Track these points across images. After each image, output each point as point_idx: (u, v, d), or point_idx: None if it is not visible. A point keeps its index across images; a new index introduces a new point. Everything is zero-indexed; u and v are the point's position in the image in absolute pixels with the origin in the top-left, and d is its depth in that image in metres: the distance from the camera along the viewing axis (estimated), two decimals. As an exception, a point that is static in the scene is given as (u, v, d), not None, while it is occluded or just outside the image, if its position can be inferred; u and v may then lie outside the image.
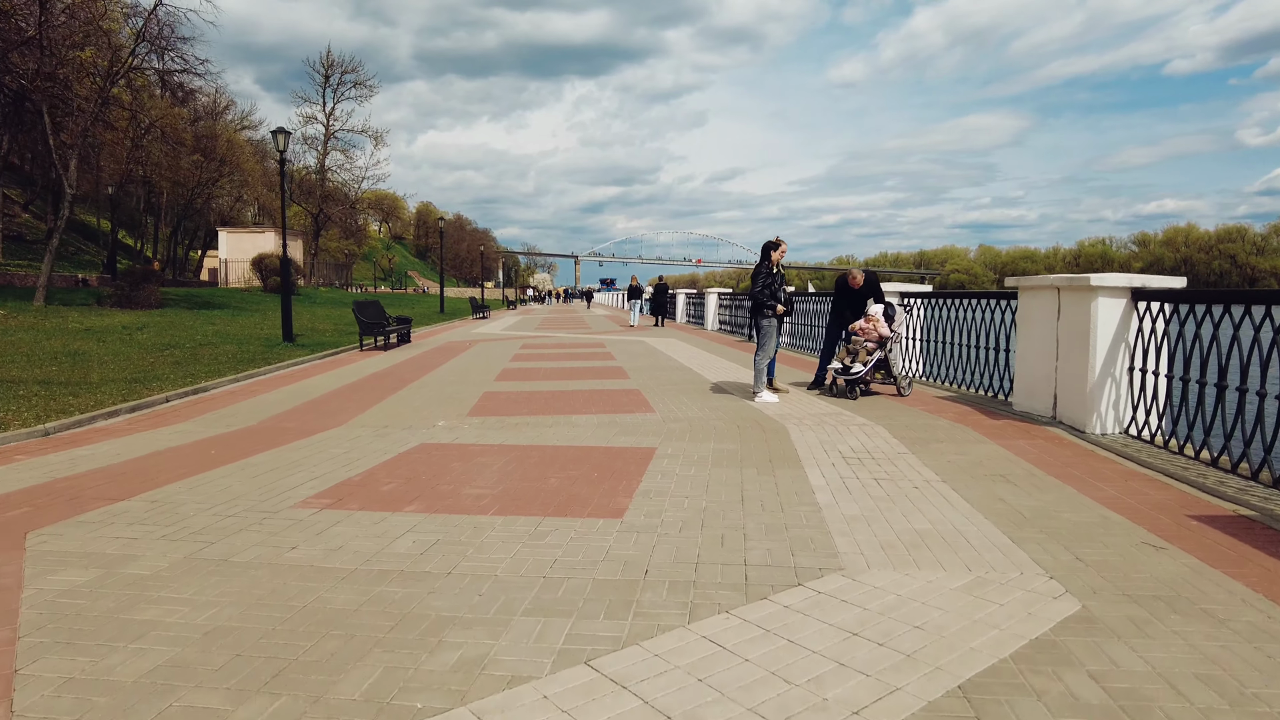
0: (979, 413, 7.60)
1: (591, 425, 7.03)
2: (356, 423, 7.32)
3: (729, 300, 22.75)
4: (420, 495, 4.66)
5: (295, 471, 5.33)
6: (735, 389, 9.39)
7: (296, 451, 6.00)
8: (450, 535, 3.90)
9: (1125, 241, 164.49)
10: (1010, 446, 6.02)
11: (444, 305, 40.61)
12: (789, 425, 6.91)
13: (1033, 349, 7.45)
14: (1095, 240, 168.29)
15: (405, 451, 5.94)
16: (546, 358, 14.09)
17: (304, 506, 4.47)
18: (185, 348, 14.81)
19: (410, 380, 10.73)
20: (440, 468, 5.38)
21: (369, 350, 16.03)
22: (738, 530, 3.93)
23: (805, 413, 7.57)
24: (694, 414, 7.58)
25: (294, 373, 12.10)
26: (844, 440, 6.24)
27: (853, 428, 6.79)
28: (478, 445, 6.15)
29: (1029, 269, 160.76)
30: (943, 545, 3.70)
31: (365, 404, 8.53)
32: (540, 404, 8.37)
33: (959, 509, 4.30)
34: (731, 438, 6.37)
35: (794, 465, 5.37)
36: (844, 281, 9.53)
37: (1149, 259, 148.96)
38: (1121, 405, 6.47)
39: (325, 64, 55.96)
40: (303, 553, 3.66)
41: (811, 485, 4.83)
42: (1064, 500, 4.48)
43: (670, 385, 9.83)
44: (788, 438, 6.35)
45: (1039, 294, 7.38)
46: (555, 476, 5.09)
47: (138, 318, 20.58)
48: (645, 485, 4.84)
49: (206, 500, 4.60)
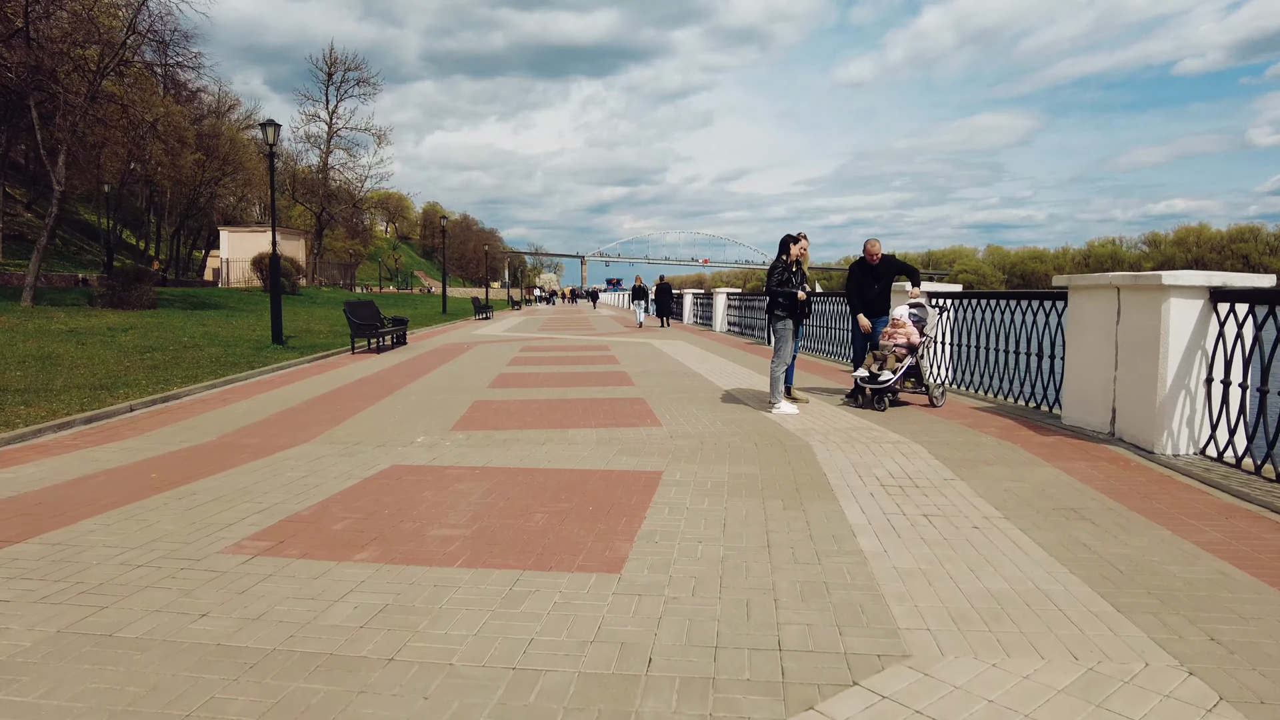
0: (1025, 427, 6.77)
1: (590, 442, 6.22)
2: (326, 438, 6.54)
3: (738, 300, 21.92)
4: (377, 537, 3.86)
5: (239, 502, 4.54)
6: (749, 398, 8.57)
7: (248, 475, 5.21)
8: (403, 598, 3.10)
9: (1136, 242, 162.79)
10: (1071, 470, 5.20)
11: (446, 306, 39.86)
12: (813, 443, 6.09)
13: (1086, 356, 6.62)
14: (1105, 240, 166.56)
15: (372, 476, 5.14)
16: (546, 361, 13.29)
17: (236, 551, 3.68)
18: (168, 350, 14.08)
19: (398, 387, 9.95)
20: (408, 499, 4.58)
21: (361, 353, 15.28)
22: (766, 592, 3.12)
23: (830, 427, 6.75)
24: (705, 428, 6.77)
25: (277, 378, 11.34)
26: (879, 462, 5.42)
27: (887, 446, 5.97)
28: (457, 468, 5.35)
29: (1038, 269, 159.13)
30: (1030, 616, 2.88)
31: (342, 415, 7.75)
32: (534, 416, 7.57)
33: (1036, 559, 3.48)
34: (749, 458, 5.56)
35: (825, 496, 4.55)
36: (861, 263, 8.49)
37: (1160, 259, 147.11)
38: (1197, 422, 5.63)
39: (328, 62, 55.36)
40: (212, 623, 2.87)
41: (850, 524, 4.01)
42: (1161, 547, 3.65)
43: (678, 393, 9.02)
44: (814, 459, 5.54)
45: (1094, 294, 6.54)
46: (543, 510, 4.29)
47: (127, 318, 19.90)
48: (650, 523, 4.03)
49: (120, 543, 3.82)
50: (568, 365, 12.57)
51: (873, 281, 8.35)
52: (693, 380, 10.34)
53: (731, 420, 7.15)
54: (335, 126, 56.17)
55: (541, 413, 7.72)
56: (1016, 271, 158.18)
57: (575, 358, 13.96)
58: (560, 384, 10.07)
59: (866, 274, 8.44)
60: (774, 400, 7.49)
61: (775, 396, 7.47)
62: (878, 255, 8.34)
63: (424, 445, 6.18)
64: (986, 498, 4.54)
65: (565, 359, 13.72)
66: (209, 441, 6.47)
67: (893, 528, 3.95)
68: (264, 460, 5.69)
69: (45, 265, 40.87)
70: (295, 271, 41.24)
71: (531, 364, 12.89)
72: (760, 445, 6.02)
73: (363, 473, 5.24)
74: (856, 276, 8.45)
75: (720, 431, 6.60)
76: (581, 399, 8.65)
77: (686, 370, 11.62)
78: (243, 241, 47.25)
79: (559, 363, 13.05)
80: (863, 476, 5.02)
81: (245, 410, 8.17)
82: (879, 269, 8.35)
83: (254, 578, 3.33)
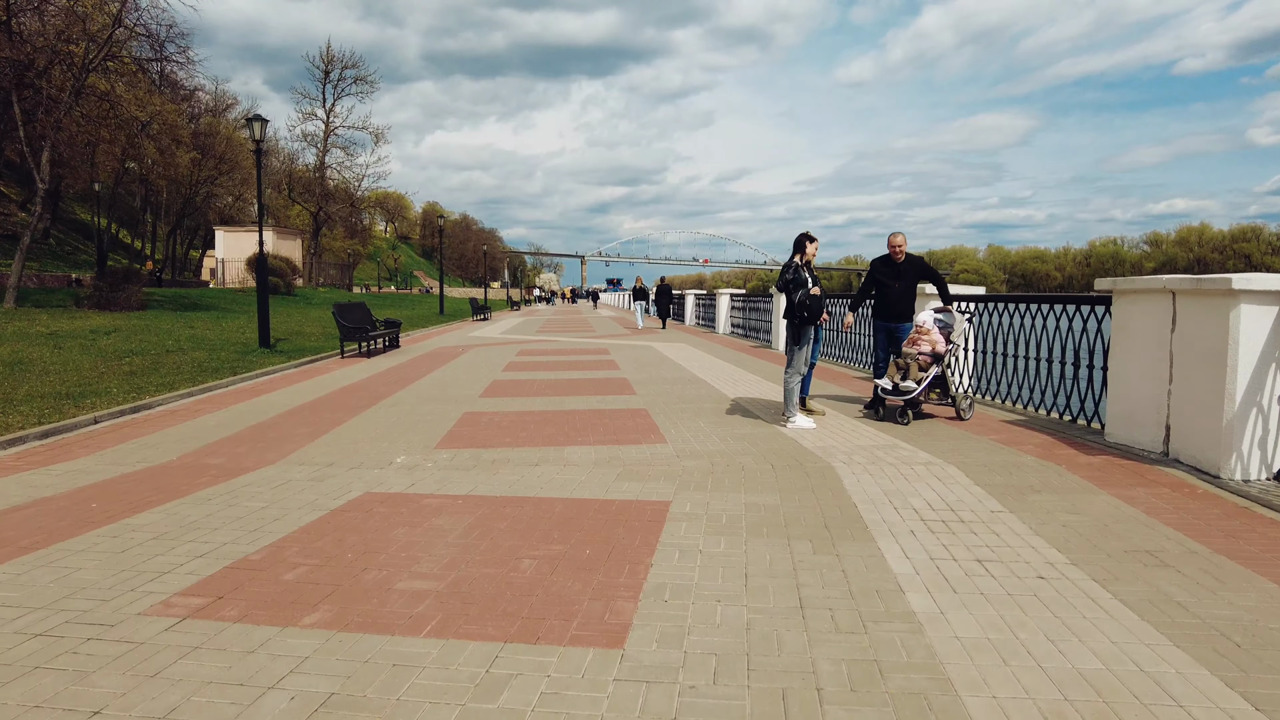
0: (1065, 444, 6.16)
1: (588, 463, 5.61)
2: (298, 457, 5.92)
3: (742, 301, 21.29)
4: (334, 591, 3.25)
5: (182, 542, 3.93)
6: (760, 409, 7.95)
7: (201, 506, 4.60)
8: (355, 682, 2.49)
9: (1137, 241, 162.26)
10: (1131, 499, 4.58)
11: (443, 306, 39.24)
12: (836, 464, 5.48)
13: (1134, 366, 6.00)
14: (1106, 240, 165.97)
15: (339, 508, 4.53)
16: (544, 367, 12.68)
17: (162, 612, 3.07)
18: (149, 355, 13.48)
19: (383, 396, 9.33)
20: (376, 537, 3.96)
21: (351, 357, 14.66)
22: (805, 675, 2.51)
23: (853, 445, 6.13)
24: (714, 445, 6.15)
25: (258, 385, 10.73)
26: (914, 489, 4.81)
27: (918, 468, 5.36)
28: (437, 497, 4.73)
29: (1039, 269, 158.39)
30: (1145, 717, 2.26)
31: (320, 429, 7.14)
32: (528, 430, 6.96)
33: (1127, 625, 2.87)
34: (766, 484, 4.94)
35: (860, 535, 3.93)
36: (884, 260, 7.73)
37: (1162, 259, 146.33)
38: (1271, 443, 5.02)
39: (325, 59, 54.75)
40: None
41: (894, 573, 3.40)
42: (1273, 607, 3.03)
43: (683, 403, 8.41)
44: (839, 485, 4.92)
45: (1144, 299, 5.92)
46: (531, 555, 3.67)
47: (112, 320, 19.28)
48: (657, 573, 3.41)
49: (23, 600, 3.20)
50: (565, 371, 11.96)
51: (894, 280, 7.68)
52: (698, 388, 9.72)
53: (743, 436, 6.54)
54: (332, 125, 55.53)
55: (536, 427, 7.11)
56: (1017, 271, 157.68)
57: (573, 362, 13.35)
58: (557, 392, 9.46)
59: (888, 271, 7.73)
60: (788, 414, 6.87)
61: (790, 409, 6.85)
62: (903, 251, 7.67)
63: (403, 467, 5.56)
64: (1044, 536, 3.93)
65: (563, 364, 13.10)
66: (168, 462, 5.86)
67: (945, 579, 3.33)
68: (223, 486, 5.07)
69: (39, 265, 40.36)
70: (291, 271, 40.59)
71: (527, 369, 12.28)
72: (778, 467, 5.40)
73: (330, 502, 4.63)
74: (877, 273, 7.76)
75: (732, 450, 5.99)
76: (579, 410, 8.03)
77: (691, 377, 11.00)
78: (239, 241, 46.61)
79: (556, 368, 12.43)
80: (898, 508, 4.41)
81: (216, 423, 7.55)
82: (902, 267, 7.68)
83: (174, 652, 2.72)
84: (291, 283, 40.09)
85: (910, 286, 7.67)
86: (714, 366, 12.48)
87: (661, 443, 6.31)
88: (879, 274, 7.70)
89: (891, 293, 7.63)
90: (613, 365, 12.70)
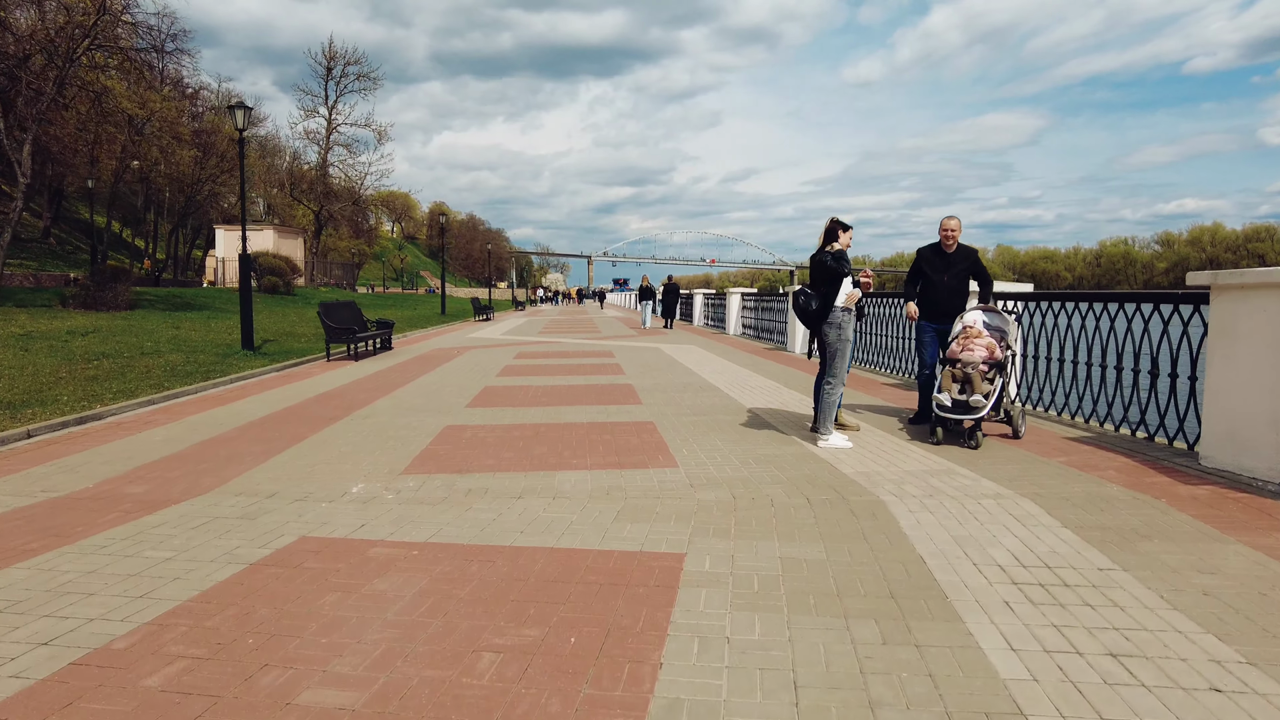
0: (1153, 470, 5.14)
1: (582, 495, 4.62)
2: (236, 485, 4.96)
3: (753, 301, 20.26)
4: (205, 712, 2.27)
5: (32, 619, 2.96)
6: (783, 421, 6.96)
7: (85, 558, 3.63)
8: None
9: (1148, 241, 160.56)
10: (1272, 550, 3.57)
11: (445, 306, 38.30)
12: (885, 496, 4.48)
13: (1240, 377, 4.97)
14: (1117, 240, 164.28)
15: (261, 561, 3.55)
16: (541, 371, 11.70)
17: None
18: (122, 358, 12.57)
19: (360, 405, 8.37)
20: (295, 610, 2.98)
21: (338, 360, 13.72)
22: None
23: (901, 470, 5.13)
24: (735, 470, 5.16)
25: (227, 392, 9.79)
26: (990, 534, 3.80)
27: (986, 504, 4.35)
28: (388, 545, 3.75)
29: (1049, 269, 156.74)
30: None
31: (276, 446, 6.18)
32: (516, 449, 5.98)
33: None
34: (805, 527, 3.95)
35: (939, 610, 2.93)
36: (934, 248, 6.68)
37: (1174, 259, 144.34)
38: None
39: (327, 56, 53.91)
40: None
41: (1002, 681, 2.40)
42: None
43: (694, 414, 7.42)
44: (896, 528, 3.92)
45: (1254, 296, 4.89)
46: (496, 643, 2.69)
47: (96, 320, 18.42)
48: (669, 681, 2.42)
49: None
50: (565, 376, 10.97)
51: (943, 273, 6.63)
52: (711, 396, 8.72)
53: (767, 458, 5.54)
54: (335, 122, 54.72)
55: (525, 445, 6.13)
56: (1026, 271, 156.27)
57: (575, 366, 12.36)
58: (554, 400, 8.48)
59: (938, 262, 6.68)
60: (823, 431, 5.85)
61: (826, 427, 5.84)
62: (955, 239, 6.62)
63: (358, 499, 4.59)
64: (1184, 610, 2.92)
65: (563, 368, 12.12)
66: (78, 491, 4.90)
67: (1080, 694, 2.33)
68: (130, 527, 4.10)
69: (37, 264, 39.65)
70: (290, 270, 39.73)
71: (524, 374, 11.30)
72: (815, 502, 4.40)
73: (253, 552, 3.65)
74: (926, 262, 6.70)
75: (756, 477, 4.99)
76: (577, 423, 7.05)
77: (702, 383, 10.01)
78: (238, 240, 45.84)
79: (556, 372, 11.45)
80: (979, 564, 3.40)
81: (162, 439, 6.60)
82: (953, 257, 6.65)
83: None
84: (291, 282, 39.24)
85: (962, 281, 6.63)
86: (726, 371, 11.48)
87: (671, 466, 5.32)
88: (926, 265, 6.68)
89: (940, 288, 6.60)
90: (617, 370, 11.71)
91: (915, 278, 6.84)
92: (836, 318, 5.77)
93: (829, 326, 5.78)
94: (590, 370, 11.69)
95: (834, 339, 5.79)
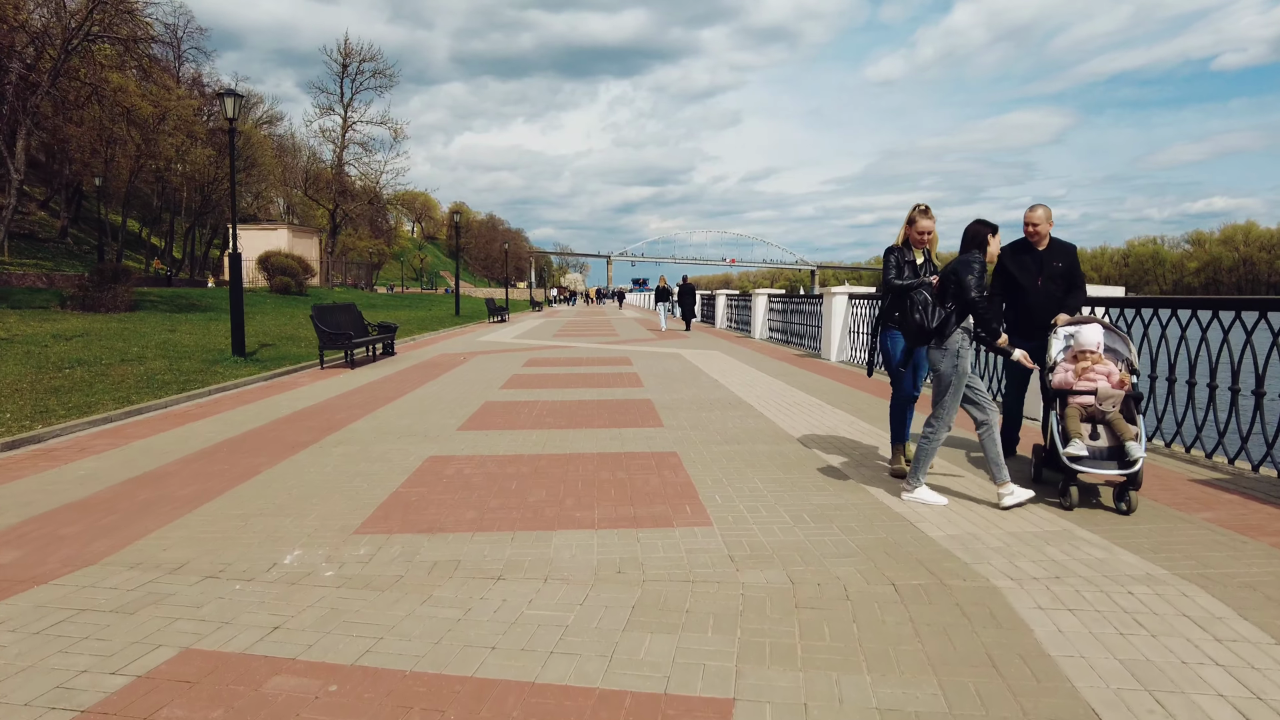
0: (1352, 538, 3.84)
1: (585, 574, 3.42)
2: (135, 551, 3.81)
3: (781, 304, 18.96)
4: None
5: None
6: (835, 452, 5.71)
7: None
8: None
9: (1178, 240, 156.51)
10: None
11: (459, 307, 37.32)
12: (999, 582, 3.23)
13: None
14: (1146, 239, 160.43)
15: (93, 709, 2.38)
16: (551, 382, 10.52)
17: None
18: (98, 365, 11.58)
19: (337, 426, 7.24)
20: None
21: (332, 367, 12.64)
22: None
23: (1003, 532, 3.87)
24: (786, 532, 3.94)
25: (195, 408, 8.72)
26: (1172, 655, 2.55)
27: (1141, 594, 3.09)
28: (297, 672, 2.56)
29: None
30: None
31: (214, 486, 5.05)
32: (507, 494, 4.80)
33: None
34: (902, 645, 2.71)
35: None
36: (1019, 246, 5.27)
37: (1205, 259, 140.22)
38: None
39: (343, 53, 53.31)
40: None
41: None
42: None
43: (725, 443, 6.19)
44: (1034, 645, 2.67)
45: None
46: None
47: (88, 323, 17.57)
48: None
49: None
50: (577, 388, 9.79)
51: (1036, 276, 5.22)
52: (743, 417, 7.49)
53: (827, 511, 4.31)
54: (350, 120, 54.10)
55: (519, 487, 4.95)
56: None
57: (588, 376, 11.18)
58: (561, 421, 7.29)
59: (1024, 262, 5.23)
60: (912, 482, 4.52)
61: (918, 478, 4.48)
62: (1046, 232, 5.21)
63: (285, 577, 3.42)
64: None
65: (575, 378, 10.94)
66: (-65, 557, 3.78)
67: None
68: (-42, 624, 2.97)
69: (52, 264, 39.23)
70: (304, 271, 38.97)
71: (532, 385, 10.13)
72: (906, 592, 3.16)
73: (99, 683, 2.49)
74: (1009, 267, 5.25)
75: (818, 544, 3.76)
76: (586, 454, 5.86)
77: (731, 398, 8.78)
78: (252, 240, 45.21)
79: (566, 383, 10.27)
80: (1200, 734, 2.15)
81: (83, 475, 5.48)
82: (1044, 257, 5.25)
83: None
84: (304, 282, 38.48)
85: (1057, 288, 5.25)
86: (758, 382, 10.23)
87: (704, 524, 4.10)
88: (1015, 268, 5.25)
89: (1033, 294, 5.24)
90: (635, 381, 10.51)
91: (999, 287, 5.35)
92: (955, 342, 4.43)
93: (943, 354, 4.42)
94: (605, 381, 10.49)
95: (947, 369, 4.42)
